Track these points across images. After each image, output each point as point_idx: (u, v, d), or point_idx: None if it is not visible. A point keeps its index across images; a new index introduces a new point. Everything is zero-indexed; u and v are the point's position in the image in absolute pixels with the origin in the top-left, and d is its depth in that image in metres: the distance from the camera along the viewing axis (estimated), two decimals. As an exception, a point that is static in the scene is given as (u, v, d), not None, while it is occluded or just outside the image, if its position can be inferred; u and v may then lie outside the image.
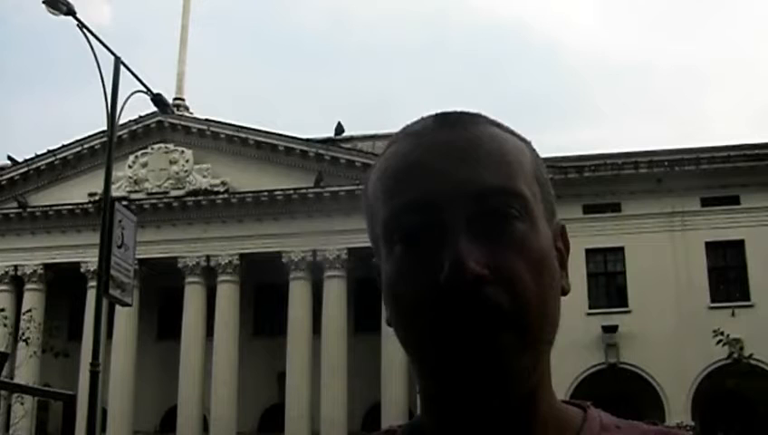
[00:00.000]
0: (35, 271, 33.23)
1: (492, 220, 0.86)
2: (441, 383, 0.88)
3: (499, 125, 0.96)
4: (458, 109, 0.96)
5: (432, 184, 0.88)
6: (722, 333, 20.80)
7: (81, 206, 32.86)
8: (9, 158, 34.46)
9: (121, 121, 21.77)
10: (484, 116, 0.96)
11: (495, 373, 0.84)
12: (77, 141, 33.90)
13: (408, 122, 0.97)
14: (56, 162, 33.96)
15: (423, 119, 0.95)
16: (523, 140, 0.97)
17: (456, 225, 0.85)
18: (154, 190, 32.83)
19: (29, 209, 33.48)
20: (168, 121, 33.14)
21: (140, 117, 32.72)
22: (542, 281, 0.87)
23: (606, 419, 0.97)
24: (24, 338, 22.18)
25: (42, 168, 34.08)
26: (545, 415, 0.91)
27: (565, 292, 0.93)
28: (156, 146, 33.23)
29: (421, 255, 0.86)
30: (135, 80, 18.76)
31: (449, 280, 0.83)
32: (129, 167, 33.04)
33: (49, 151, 34.10)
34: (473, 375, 0.84)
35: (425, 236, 0.87)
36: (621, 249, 29.07)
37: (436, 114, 0.95)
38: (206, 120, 33.44)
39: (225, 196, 32.20)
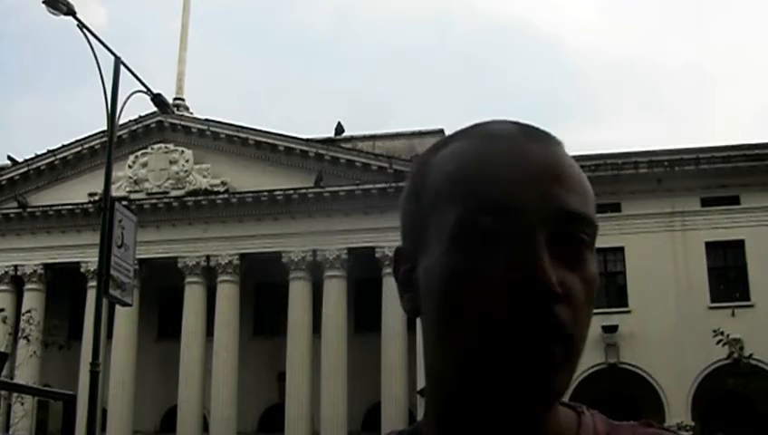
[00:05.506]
0: (35, 271, 33.23)
1: (569, 243, 0.88)
2: (482, 385, 0.87)
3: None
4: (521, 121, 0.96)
5: (522, 192, 0.87)
6: (722, 333, 20.74)
7: (81, 206, 32.86)
8: (9, 158, 34.47)
9: (121, 121, 21.78)
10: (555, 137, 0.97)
11: (545, 385, 0.86)
12: (77, 141, 33.90)
13: (477, 123, 0.96)
14: (56, 162, 33.96)
15: (499, 123, 0.95)
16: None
17: (541, 240, 0.86)
18: (154, 190, 32.82)
19: (29, 209, 33.47)
20: (168, 121, 33.15)
21: (140, 117, 32.75)
22: (591, 305, 0.90)
23: (600, 424, 0.97)
24: (24, 337, 22.18)
25: (42, 168, 34.08)
26: (547, 423, 0.92)
27: None
28: (156, 146, 33.23)
29: (498, 258, 0.87)
30: (135, 80, 18.79)
31: (533, 293, 0.84)
32: (129, 167, 33.03)
33: (49, 151, 34.10)
34: (525, 382, 0.85)
35: (505, 240, 0.87)
36: (621, 249, 29.04)
37: (515, 123, 0.95)
38: (206, 120, 33.43)
39: (225, 196, 32.19)
